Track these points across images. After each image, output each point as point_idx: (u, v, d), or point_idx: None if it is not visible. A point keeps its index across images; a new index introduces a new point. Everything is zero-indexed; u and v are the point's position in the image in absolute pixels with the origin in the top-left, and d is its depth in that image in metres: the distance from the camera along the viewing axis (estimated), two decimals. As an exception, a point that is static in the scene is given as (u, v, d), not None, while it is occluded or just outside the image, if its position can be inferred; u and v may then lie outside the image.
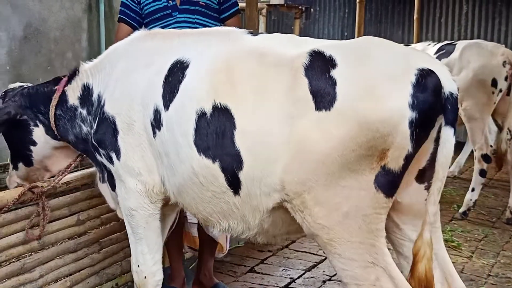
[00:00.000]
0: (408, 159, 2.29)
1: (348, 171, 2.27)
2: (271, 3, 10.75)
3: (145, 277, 2.98)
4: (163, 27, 3.58)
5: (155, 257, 3.00)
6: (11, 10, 5.41)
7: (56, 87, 3.17)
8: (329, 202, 2.32)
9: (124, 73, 2.91)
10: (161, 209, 2.96)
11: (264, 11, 10.38)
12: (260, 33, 2.88)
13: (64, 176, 3.26)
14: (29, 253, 3.20)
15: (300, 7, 10.94)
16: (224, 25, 3.76)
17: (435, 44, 6.71)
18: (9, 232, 3.05)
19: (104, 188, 3.15)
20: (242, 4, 4.93)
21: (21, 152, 3.25)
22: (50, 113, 3.13)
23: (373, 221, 2.32)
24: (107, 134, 2.87)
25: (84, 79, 3.11)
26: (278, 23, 12.22)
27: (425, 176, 2.41)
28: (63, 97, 3.14)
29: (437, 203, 2.34)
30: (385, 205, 2.33)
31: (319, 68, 2.35)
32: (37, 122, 3.19)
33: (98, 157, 2.97)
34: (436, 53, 6.29)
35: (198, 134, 2.54)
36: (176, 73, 2.69)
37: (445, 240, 5.01)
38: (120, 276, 3.72)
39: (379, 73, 2.29)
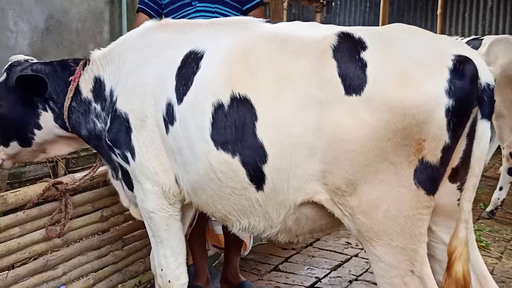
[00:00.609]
0: (446, 151, 2.16)
1: (385, 162, 2.15)
2: (292, -3, 10.67)
3: (169, 281, 2.86)
4: (182, 17, 3.46)
5: (178, 259, 2.87)
6: (33, 2, 5.36)
7: (71, 77, 2.98)
8: (367, 197, 2.20)
9: (135, 66, 2.77)
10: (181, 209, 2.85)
11: (285, 4, 10.27)
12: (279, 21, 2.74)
13: (90, 175, 3.16)
14: (53, 250, 3.14)
15: (321, 1, 10.81)
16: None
17: (462, 39, 6.56)
18: (33, 229, 2.98)
19: (117, 185, 3.03)
20: (267, -2, 4.84)
21: (21, 132, 3.01)
22: (65, 105, 2.95)
23: (416, 223, 2.20)
24: (121, 132, 2.73)
25: (95, 71, 2.95)
26: (298, 17, 12.11)
27: (458, 175, 2.28)
28: (77, 88, 2.97)
29: (472, 200, 2.21)
30: (427, 204, 2.20)
31: (348, 49, 2.22)
32: (46, 107, 2.98)
33: (113, 157, 2.84)
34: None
35: (215, 127, 2.41)
36: (190, 65, 2.56)
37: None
38: (143, 273, 3.64)
39: (413, 57, 2.17)
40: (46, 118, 2.99)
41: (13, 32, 5.22)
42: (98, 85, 2.92)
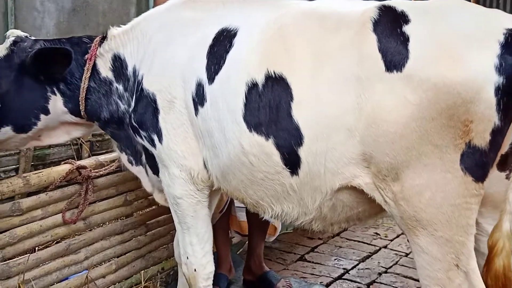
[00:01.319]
0: (496, 134, 2.00)
1: (429, 145, 2.01)
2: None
3: (195, 270, 2.75)
4: None
5: (205, 247, 2.75)
6: (60, -18, 5.31)
7: (86, 56, 2.76)
8: (410, 182, 2.06)
9: (162, 44, 2.64)
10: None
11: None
12: None
13: (114, 166, 3.07)
14: (75, 234, 3.07)
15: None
16: None
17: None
18: (55, 211, 2.92)
19: (137, 171, 2.90)
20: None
21: (22, 117, 2.69)
22: (81, 86, 2.73)
23: (464, 213, 2.05)
24: (147, 114, 2.61)
25: (114, 49, 2.78)
26: None
27: (507, 163, 2.13)
28: (94, 67, 2.76)
29: None
30: (476, 193, 2.05)
31: (390, 23, 2.09)
32: (55, 90, 2.73)
33: (138, 139, 2.71)
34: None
35: (248, 108, 2.30)
36: (223, 43, 2.44)
37: None
38: (167, 260, 3.56)
39: (460, 31, 2.03)
40: (55, 102, 2.75)
41: (39, 12, 5.18)
42: (119, 64, 2.77)
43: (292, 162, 2.26)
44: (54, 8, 3.58)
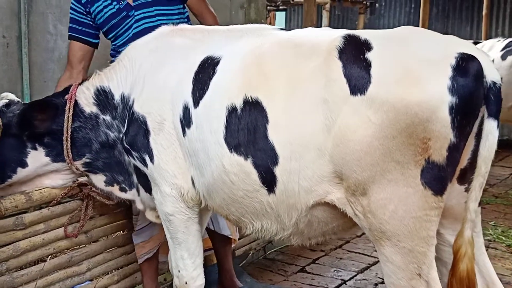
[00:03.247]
0: (453, 151, 2.14)
1: (392, 162, 2.15)
2: (334, -2, 10.61)
3: (186, 283, 2.91)
4: (125, 30, 3.44)
5: (196, 261, 2.92)
6: (72, 7, 5.53)
7: (65, 96, 2.96)
8: (375, 196, 2.20)
9: (152, 70, 2.82)
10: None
11: (327, 6, 10.23)
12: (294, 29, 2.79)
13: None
14: (79, 247, 3.24)
15: (364, 2, 10.74)
16: (187, 6, 3.59)
17: (504, 40, 6.39)
18: (58, 225, 3.09)
19: (132, 194, 3.05)
20: (300, -1, 4.85)
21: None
22: (65, 126, 2.91)
23: (424, 225, 2.18)
24: (138, 135, 2.78)
25: (97, 83, 2.98)
26: (341, 18, 12.02)
27: (466, 176, 2.26)
28: (77, 107, 2.95)
29: (478, 200, 2.19)
30: (435, 205, 2.18)
31: (354, 50, 2.25)
32: (36, 145, 2.94)
33: (131, 160, 2.88)
34: (503, 49, 5.99)
35: (228, 130, 2.46)
36: (207, 70, 2.62)
37: (508, 245, 4.78)
38: (169, 271, 3.69)
39: (416, 56, 2.18)
40: (35, 155, 2.94)
41: (52, 35, 5.41)
42: (104, 96, 2.96)
43: (269, 181, 2.41)
44: (66, 31, 3.77)
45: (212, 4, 3.85)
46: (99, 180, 3.06)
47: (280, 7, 11.21)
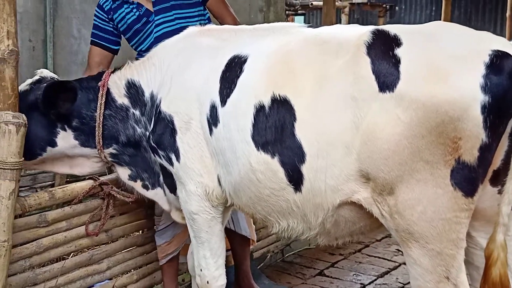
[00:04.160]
0: (484, 151, 2.08)
1: (421, 161, 2.11)
2: (353, 2, 10.58)
3: (207, 282, 2.91)
4: (147, 36, 3.48)
5: (218, 261, 2.91)
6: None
7: (99, 83, 2.97)
8: (403, 196, 2.16)
9: (179, 70, 2.83)
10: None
11: (346, 9, 10.21)
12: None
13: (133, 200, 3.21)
14: (100, 245, 3.27)
15: (384, 5, 10.69)
16: (207, 8, 3.59)
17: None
18: (79, 223, 3.12)
19: (153, 193, 3.07)
20: (319, 3, 4.85)
21: (30, 147, 2.81)
22: (98, 112, 2.93)
23: (454, 227, 2.13)
24: (165, 134, 2.79)
25: (128, 75, 2.99)
26: (361, 21, 11.96)
27: (499, 178, 2.20)
28: (109, 95, 2.98)
29: None
30: (466, 207, 2.13)
31: (383, 46, 2.21)
32: (65, 126, 2.96)
33: (157, 158, 2.89)
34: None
35: (256, 128, 2.45)
36: (234, 68, 2.61)
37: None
38: (187, 272, 3.71)
39: (448, 52, 2.13)
40: (65, 136, 2.97)
41: (76, 39, 5.50)
42: (135, 90, 2.98)
43: (295, 179, 2.39)
44: (89, 35, 3.82)
45: (231, 7, 3.86)
46: (124, 172, 3.07)
47: (299, 11, 11.22)
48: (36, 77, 3.00)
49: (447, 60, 2.11)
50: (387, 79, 2.15)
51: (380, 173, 2.18)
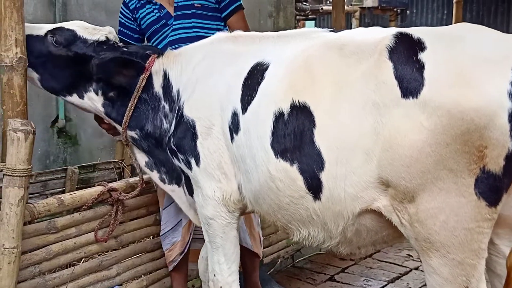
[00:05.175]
0: (510, 159, 2.01)
1: (444, 169, 2.05)
2: (364, 6, 10.55)
3: (220, 287, 2.91)
4: (163, 38, 3.49)
5: (231, 267, 2.89)
6: (105, 17, 5.65)
7: (145, 64, 2.93)
8: (425, 205, 2.10)
9: (204, 74, 2.82)
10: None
11: (357, 14, 10.20)
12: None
13: (137, 191, 3.23)
14: (109, 251, 3.28)
15: (395, 9, 10.66)
16: (227, 24, 3.59)
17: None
18: (89, 229, 3.13)
19: (171, 189, 3.06)
20: (329, 7, 4.84)
21: (61, 80, 2.90)
22: (135, 94, 2.91)
23: (476, 237, 2.08)
24: (186, 138, 2.79)
25: (166, 65, 2.96)
26: (372, 25, 11.95)
27: None
28: (150, 80, 2.95)
29: None
30: (489, 217, 2.08)
31: (405, 50, 2.14)
32: (99, 91, 2.95)
33: (175, 161, 2.89)
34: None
35: (275, 135, 2.42)
36: (255, 75, 2.60)
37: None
38: (197, 278, 3.71)
39: (475, 57, 2.05)
40: (94, 98, 2.97)
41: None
42: (167, 83, 2.95)
43: (315, 187, 2.34)
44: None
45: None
46: (141, 158, 3.07)
47: (309, 16, 11.21)
48: (103, 35, 2.95)
49: (473, 65, 2.04)
50: (410, 85, 2.09)
51: (402, 180, 2.12)
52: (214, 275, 2.92)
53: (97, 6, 5.68)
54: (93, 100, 2.98)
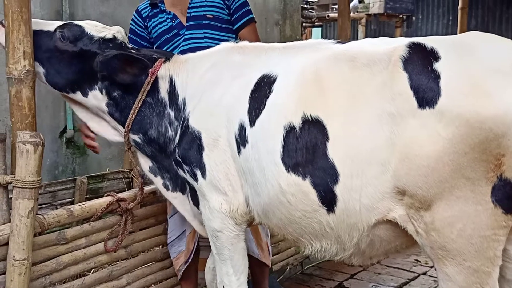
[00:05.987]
0: None
1: (462, 178, 2.05)
2: (370, 13, 10.57)
3: None
4: (174, 47, 3.49)
5: (240, 278, 2.89)
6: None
7: (149, 70, 2.90)
8: (442, 214, 2.11)
9: (210, 85, 2.80)
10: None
11: (363, 20, 10.22)
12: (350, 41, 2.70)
13: (139, 199, 3.24)
14: (117, 261, 3.31)
15: (401, 16, 10.68)
16: (239, 37, 3.60)
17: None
18: (98, 240, 3.16)
19: (173, 196, 3.05)
20: (336, 14, 4.86)
21: (65, 75, 2.87)
22: (139, 98, 2.89)
23: (492, 245, 2.09)
24: (192, 150, 2.76)
25: (172, 71, 2.93)
26: (378, 32, 11.96)
27: None
28: (155, 84, 2.92)
29: None
30: (504, 224, 2.09)
31: (420, 60, 2.13)
32: (104, 90, 2.92)
33: (180, 172, 2.88)
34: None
35: (286, 150, 2.39)
36: (263, 88, 2.57)
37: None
38: (205, 287, 3.73)
39: (490, 66, 2.05)
40: (98, 97, 2.94)
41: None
42: (172, 90, 2.92)
43: (328, 200, 2.33)
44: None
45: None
46: (145, 163, 3.05)
47: (316, 23, 11.26)
48: (110, 33, 2.92)
49: (488, 74, 2.05)
50: (426, 95, 2.09)
51: (418, 190, 2.13)
52: (223, 287, 2.92)
53: (105, 16, 5.73)
54: (98, 99, 2.94)
